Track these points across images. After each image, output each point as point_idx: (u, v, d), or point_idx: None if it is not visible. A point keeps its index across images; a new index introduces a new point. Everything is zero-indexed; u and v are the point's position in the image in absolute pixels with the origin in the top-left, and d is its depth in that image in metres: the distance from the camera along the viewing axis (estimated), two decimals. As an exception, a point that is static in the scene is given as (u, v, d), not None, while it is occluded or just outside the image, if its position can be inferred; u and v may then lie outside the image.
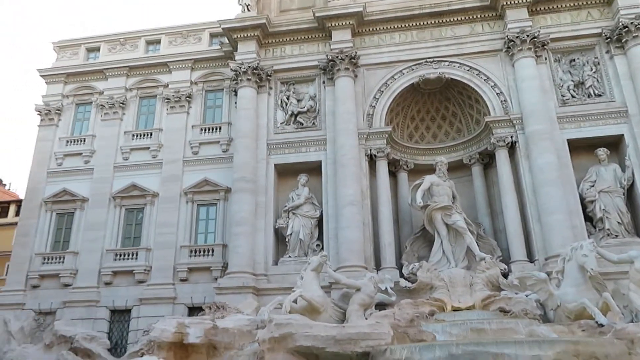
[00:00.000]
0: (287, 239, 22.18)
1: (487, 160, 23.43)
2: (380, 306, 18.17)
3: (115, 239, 24.88)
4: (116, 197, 25.53)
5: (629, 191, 20.47)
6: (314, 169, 23.09)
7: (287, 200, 22.82)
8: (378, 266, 21.20)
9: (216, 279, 22.08)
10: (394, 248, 21.70)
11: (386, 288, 18.43)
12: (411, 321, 15.88)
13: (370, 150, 22.81)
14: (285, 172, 23.60)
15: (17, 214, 34.63)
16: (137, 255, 24.22)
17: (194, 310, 22.03)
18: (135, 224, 25.23)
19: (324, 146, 23.16)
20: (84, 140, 27.33)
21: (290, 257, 21.82)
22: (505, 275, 19.09)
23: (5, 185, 57.12)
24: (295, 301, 17.16)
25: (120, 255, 24.39)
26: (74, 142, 27.50)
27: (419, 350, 12.09)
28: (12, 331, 22.65)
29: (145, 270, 23.75)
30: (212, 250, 23.59)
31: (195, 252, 23.76)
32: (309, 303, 17.16)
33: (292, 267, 21.01)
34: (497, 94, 22.56)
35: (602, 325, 13.77)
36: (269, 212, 22.65)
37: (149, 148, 26.34)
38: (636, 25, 21.49)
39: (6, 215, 47.67)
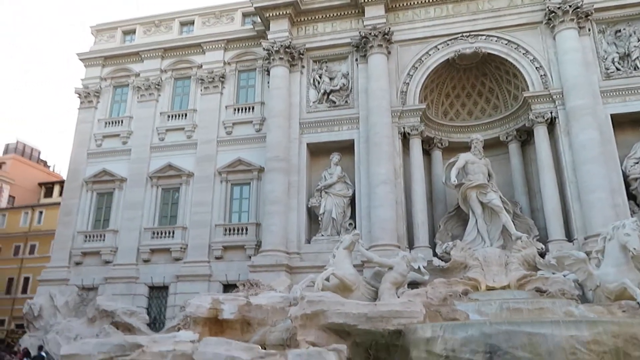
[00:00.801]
0: (319, 218, 22.24)
1: (525, 138, 22.73)
2: (413, 285, 18.03)
3: (153, 217, 25.53)
4: (153, 177, 26.11)
5: (677, 168, 19.52)
6: (346, 148, 22.95)
7: (319, 180, 22.82)
8: (411, 245, 21.02)
9: (250, 257, 22.39)
10: (428, 227, 21.46)
11: (419, 267, 18.22)
12: (444, 300, 15.69)
13: (404, 128, 22.45)
14: (318, 151, 23.55)
15: (61, 194, 35.89)
16: (173, 233, 24.80)
17: (228, 287, 22.47)
18: (171, 203, 25.80)
19: (357, 124, 22.94)
20: (122, 122, 27.96)
21: (322, 235, 21.89)
22: (542, 255, 18.63)
23: (49, 167, 59.36)
24: (327, 279, 17.20)
25: (158, 234, 25.03)
26: (112, 123, 28.18)
27: (451, 328, 11.90)
28: (57, 305, 23.72)
29: (181, 248, 24.32)
30: (246, 229, 23.91)
31: (230, 230, 24.14)
32: (341, 281, 17.20)
33: (324, 245, 21.07)
34: (536, 68, 21.74)
35: (644, 306, 13.29)
36: (302, 191, 22.71)
37: (183, 129, 26.73)
38: (689, -8, 20.22)
39: (51, 195, 49.76)
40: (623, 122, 20.51)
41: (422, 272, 18.25)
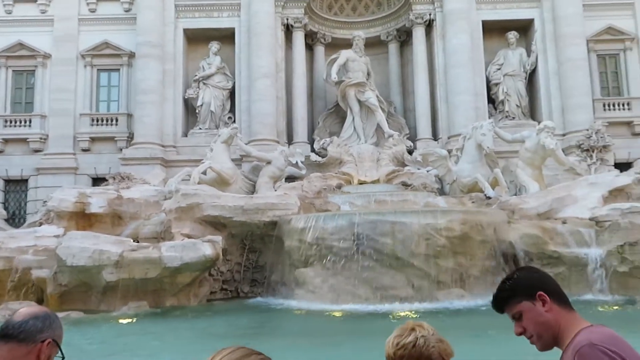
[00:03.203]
0: (197, 110, 21.38)
1: (405, 38, 23.19)
2: (291, 179, 18.51)
3: (3, 103, 22.50)
4: (1, 56, 22.66)
5: (531, 76, 21.47)
6: (227, 37, 21.68)
7: (197, 70, 21.61)
8: (290, 140, 21.25)
9: (121, 149, 21.12)
10: (307, 123, 21.73)
11: (297, 162, 18.63)
12: (318, 193, 16.41)
13: (287, 19, 21.63)
14: (196, 38, 22.03)
15: None
16: (30, 122, 22.28)
17: (98, 181, 21.16)
18: (26, 87, 22.84)
19: (238, 12, 21.61)
20: (-46, -13, 23.33)
21: (200, 129, 21.21)
22: (410, 152, 19.99)
23: None
24: (204, 173, 17.04)
25: (11, 122, 22.30)
26: (-59, -13, 23.39)
27: (323, 219, 12.59)
28: None
29: (41, 138, 22.06)
30: (116, 120, 22.23)
31: (98, 121, 22.28)
32: (218, 174, 17.09)
33: (202, 139, 20.49)
34: (414, -34, 21.70)
35: (489, 198, 15.12)
36: (178, 81, 21.46)
37: (36, 1, 23.07)
38: None
39: None
40: (492, 30, 21.69)
41: (300, 166, 18.71)
